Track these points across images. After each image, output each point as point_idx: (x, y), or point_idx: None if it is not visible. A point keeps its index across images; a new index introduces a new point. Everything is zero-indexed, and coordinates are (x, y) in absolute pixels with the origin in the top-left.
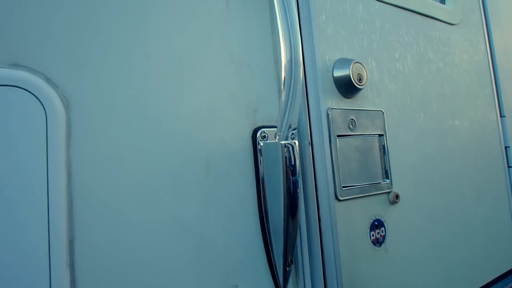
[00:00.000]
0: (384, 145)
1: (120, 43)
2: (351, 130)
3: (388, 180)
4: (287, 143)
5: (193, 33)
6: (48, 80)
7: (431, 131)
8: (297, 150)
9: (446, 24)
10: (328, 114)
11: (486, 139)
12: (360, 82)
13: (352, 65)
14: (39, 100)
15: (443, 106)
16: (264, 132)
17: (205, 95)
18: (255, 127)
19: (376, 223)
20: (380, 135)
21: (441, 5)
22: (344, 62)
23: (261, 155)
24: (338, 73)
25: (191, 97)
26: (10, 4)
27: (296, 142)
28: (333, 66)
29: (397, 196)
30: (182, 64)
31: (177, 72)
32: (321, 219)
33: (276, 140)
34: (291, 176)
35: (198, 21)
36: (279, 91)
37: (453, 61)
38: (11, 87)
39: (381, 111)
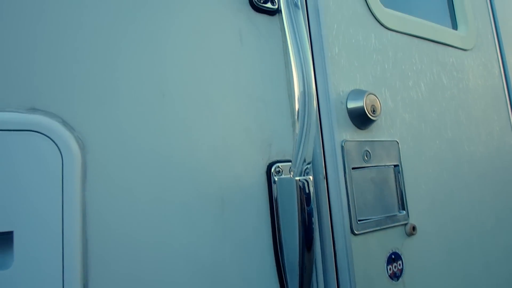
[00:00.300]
0: (399, 176)
1: (136, 84)
2: (366, 161)
3: (404, 211)
4: (302, 179)
5: (207, 70)
6: (65, 123)
7: (447, 159)
8: (312, 186)
9: (459, 50)
10: (342, 147)
11: (504, 165)
12: (374, 114)
13: (365, 96)
14: (55, 144)
15: (459, 132)
16: (279, 167)
17: (220, 131)
18: (270, 162)
19: (393, 256)
20: (395, 166)
21: (454, 31)
22: (357, 93)
23: (275, 191)
24: (352, 104)
25: (206, 134)
26: (27, 49)
27: (311, 177)
28: (347, 98)
29: (414, 228)
30: (197, 101)
31: (193, 109)
32: (337, 255)
33: (291, 175)
34: (306, 212)
35: (212, 58)
36: (293, 125)
37: (467, 86)
38: (29, 132)
39: (396, 141)
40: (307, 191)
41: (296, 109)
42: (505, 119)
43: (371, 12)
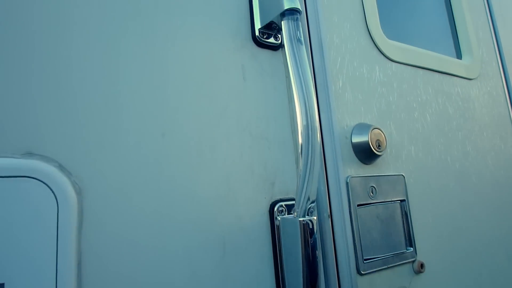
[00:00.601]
0: (406, 211)
1: (136, 124)
2: (372, 198)
3: (411, 248)
4: (306, 220)
5: (209, 108)
6: (61, 167)
7: (455, 191)
8: (316, 226)
9: (464, 79)
10: (347, 183)
11: None
12: (379, 149)
13: (370, 131)
14: (51, 190)
15: (466, 163)
16: (282, 206)
17: (222, 170)
18: (273, 201)
19: None
20: (401, 201)
21: (458, 60)
22: (362, 128)
23: (278, 231)
24: (356, 139)
25: (207, 174)
26: (23, 91)
27: (315, 217)
28: (351, 132)
29: (422, 265)
30: (198, 140)
31: (194, 149)
32: None
33: (294, 215)
34: (310, 252)
35: (215, 96)
36: (297, 161)
37: (473, 116)
38: (24, 178)
39: (402, 175)
40: (311, 232)
41: (299, 144)
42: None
43: (375, 44)
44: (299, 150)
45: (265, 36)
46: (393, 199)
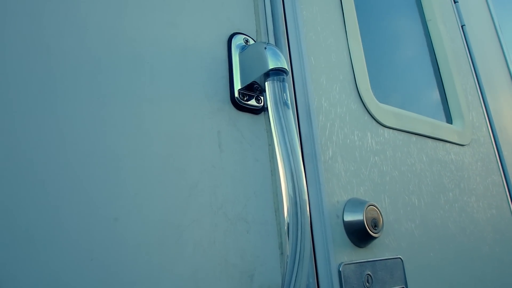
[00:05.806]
0: None
1: (80, 208)
2: None
3: None
4: None
5: (177, 186)
6: None
7: (455, 273)
8: None
9: (457, 145)
10: (340, 272)
11: None
12: (375, 230)
13: (365, 209)
14: None
15: (464, 239)
16: None
17: (189, 264)
18: None
19: None
20: None
21: (450, 125)
22: (355, 204)
23: None
24: (349, 217)
25: (171, 269)
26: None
27: None
28: (343, 209)
29: None
30: (161, 225)
31: (155, 236)
32: None
33: None
34: None
35: (184, 170)
36: (281, 247)
37: (468, 186)
38: None
39: (400, 258)
40: None
41: (286, 225)
42: (508, 217)
43: (366, 109)
44: (286, 233)
45: (245, 98)
46: None
